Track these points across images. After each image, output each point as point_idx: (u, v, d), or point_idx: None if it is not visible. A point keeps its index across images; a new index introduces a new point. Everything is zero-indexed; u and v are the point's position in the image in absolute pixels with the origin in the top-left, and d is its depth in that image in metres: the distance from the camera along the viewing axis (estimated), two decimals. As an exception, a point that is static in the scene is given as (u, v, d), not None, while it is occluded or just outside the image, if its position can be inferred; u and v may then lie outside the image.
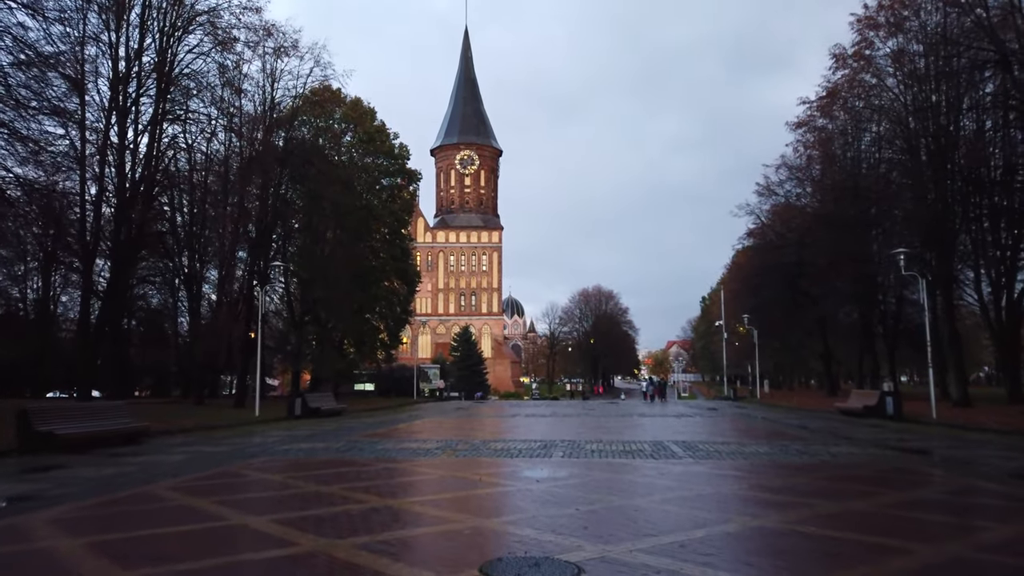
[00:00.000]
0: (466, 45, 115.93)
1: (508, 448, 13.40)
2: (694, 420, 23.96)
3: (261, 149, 36.65)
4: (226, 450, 13.60)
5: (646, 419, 24.26)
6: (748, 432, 18.31)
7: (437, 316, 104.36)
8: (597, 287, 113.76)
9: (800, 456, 12.32)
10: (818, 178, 42.66)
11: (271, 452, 13.06)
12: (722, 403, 45.57)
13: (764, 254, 54.27)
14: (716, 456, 12.08)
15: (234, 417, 24.20)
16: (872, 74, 34.88)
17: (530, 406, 40.83)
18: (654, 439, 15.50)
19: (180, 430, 18.74)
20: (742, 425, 21.26)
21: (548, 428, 19.75)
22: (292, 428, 20.21)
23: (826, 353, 51.02)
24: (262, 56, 35.69)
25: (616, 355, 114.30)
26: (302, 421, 23.70)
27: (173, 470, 10.33)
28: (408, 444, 14.49)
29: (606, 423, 22.15)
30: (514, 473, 9.96)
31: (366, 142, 44.42)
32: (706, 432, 18.29)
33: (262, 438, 16.60)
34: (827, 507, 7.09)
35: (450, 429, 19.98)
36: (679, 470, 10.21)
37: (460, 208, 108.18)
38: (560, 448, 13.35)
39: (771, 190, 48.63)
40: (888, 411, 23.01)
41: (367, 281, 44.26)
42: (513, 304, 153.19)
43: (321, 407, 26.21)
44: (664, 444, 14.22)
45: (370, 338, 46.16)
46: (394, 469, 10.41)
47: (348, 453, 12.75)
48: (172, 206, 35.39)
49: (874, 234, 41.70)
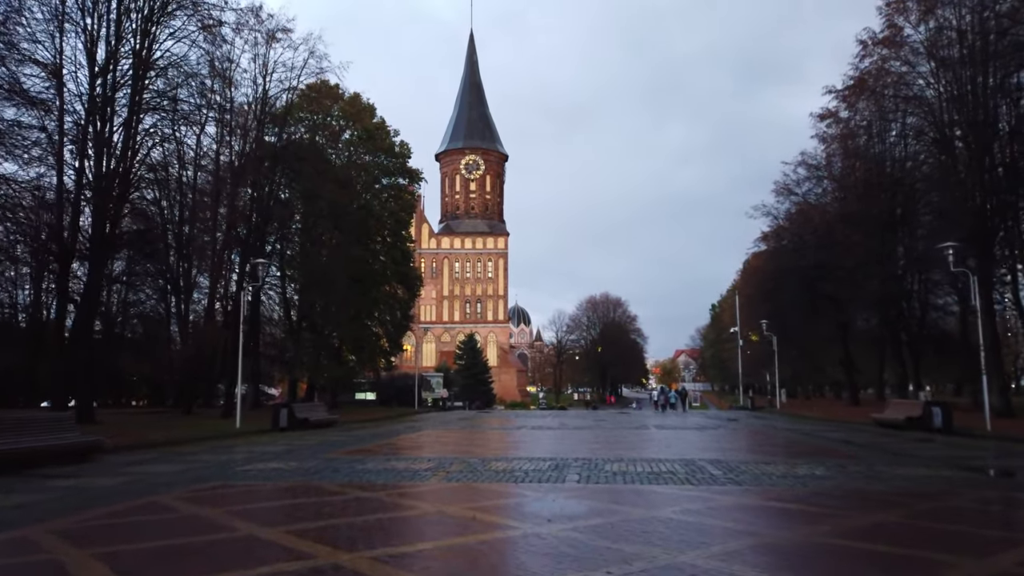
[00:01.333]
0: (471, 49, 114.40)
1: (512, 469, 11.23)
2: (718, 433, 21.71)
3: (254, 146, 34.77)
4: (178, 470, 11.47)
5: (666, 432, 22.00)
6: (788, 448, 16.06)
7: (442, 324, 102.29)
8: (605, 294, 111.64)
9: (868, 481, 10.11)
10: (841, 175, 40.46)
11: (228, 474, 10.92)
12: (739, 413, 43.23)
13: (781, 257, 52.02)
14: (766, 481, 9.88)
15: (214, 429, 22.10)
16: (902, 61, 32.74)
17: (537, 417, 38.59)
18: (682, 457, 13.30)
19: (145, 445, 16.64)
20: (777, 440, 18.99)
21: (558, 442, 17.56)
22: (270, 442, 18.07)
23: (847, 360, 48.64)
24: (253, 45, 33.89)
25: (625, 364, 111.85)
26: (286, 434, 21.56)
27: (86, 501, 8.20)
28: (395, 463, 12.33)
29: (622, 436, 19.94)
30: (519, 507, 7.78)
31: (365, 140, 42.47)
32: (739, 448, 16.07)
33: (230, 455, 14.47)
34: (967, 566, 4.91)
35: (448, 444, 17.79)
36: (729, 502, 8.01)
37: (465, 214, 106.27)
38: (574, 469, 11.17)
39: (789, 189, 46.44)
40: (935, 423, 20.71)
41: (366, 285, 42.21)
42: (519, 313, 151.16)
43: (310, 418, 24.07)
44: (697, 464, 12.01)
45: (369, 345, 44.04)
46: (367, 501, 8.25)
47: (319, 475, 10.60)
48: (159, 205, 33.46)
49: (899, 235, 39.45)
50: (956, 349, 41.32)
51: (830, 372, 66.63)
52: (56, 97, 24.76)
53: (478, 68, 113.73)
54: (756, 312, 56.06)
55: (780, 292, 49.00)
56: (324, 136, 41.46)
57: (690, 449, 15.32)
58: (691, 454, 13.99)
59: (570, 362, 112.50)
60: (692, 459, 12.83)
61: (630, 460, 12.57)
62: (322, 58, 35.24)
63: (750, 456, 13.67)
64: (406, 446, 16.89)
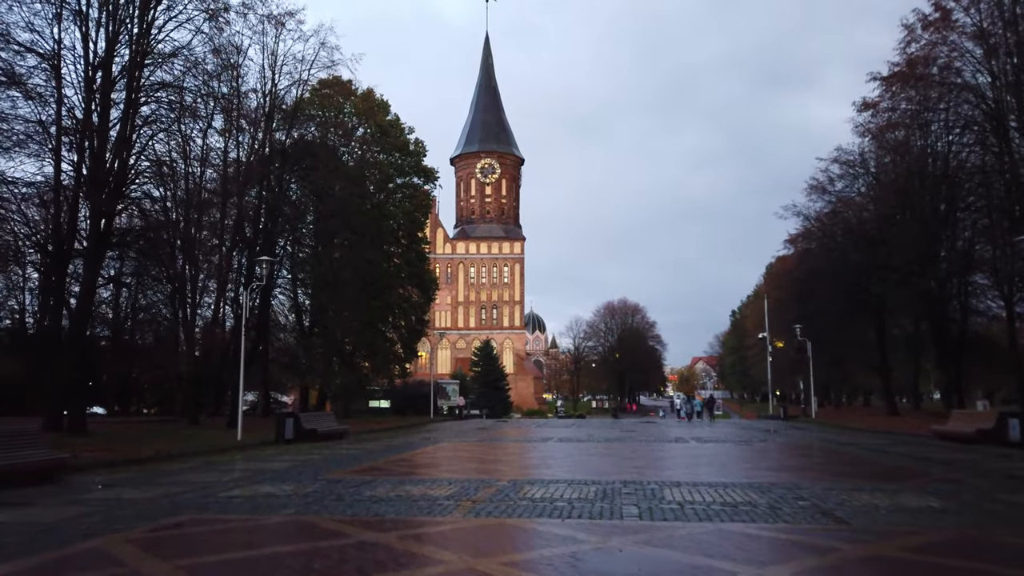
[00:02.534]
0: (487, 52, 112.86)
1: (552, 497, 9.21)
2: (767, 448, 19.56)
3: (262, 142, 33.11)
4: (150, 496, 9.56)
5: (709, 446, 19.85)
6: (861, 468, 13.90)
7: (457, 330, 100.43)
8: (623, 300, 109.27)
9: (1012, 519, 8.02)
10: (882, 170, 38.15)
11: (206, 503, 8.99)
12: (772, 423, 40.84)
13: (814, 259, 49.66)
14: (878, 519, 7.80)
15: (213, 441, 20.26)
16: (950, 47, 30.51)
17: (559, 426, 36.51)
18: (749, 480, 11.22)
19: (128, 461, 14.78)
20: (841, 457, 16.79)
21: (594, 459, 15.51)
22: (271, 457, 16.17)
23: (884, 367, 46.11)
24: (261, 35, 32.24)
25: (644, 371, 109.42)
26: (292, 446, 19.68)
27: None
28: (409, 487, 10.35)
29: (662, 451, 17.85)
30: (578, 562, 5.76)
31: (379, 137, 40.69)
32: (805, 467, 13.95)
33: (220, 474, 12.56)
34: None
35: (469, 460, 15.78)
36: (854, 553, 5.95)
37: (481, 218, 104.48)
38: (627, 498, 9.14)
39: (823, 187, 44.07)
40: (1012, 436, 18.44)
41: (379, 288, 40.37)
42: (534, 320, 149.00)
43: (318, 429, 22.17)
44: (773, 491, 9.92)
45: (383, 351, 42.16)
46: (372, 548, 6.26)
47: (316, 506, 8.64)
48: (163, 202, 31.81)
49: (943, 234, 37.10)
50: (1004, 356, 38.92)
51: (861, 380, 64.01)
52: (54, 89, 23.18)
53: (493, 71, 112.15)
54: (783, 317, 53.59)
55: (811, 296, 46.62)
56: (336, 135, 39.72)
57: (750, 469, 13.23)
58: (756, 476, 11.91)
59: (587, 369, 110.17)
60: (761, 483, 10.75)
61: (689, 484, 10.51)
62: (333, 50, 33.37)
63: (827, 479, 11.57)
64: (422, 463, 14.92)
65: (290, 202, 37.92)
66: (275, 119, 33.30)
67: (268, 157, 33.04)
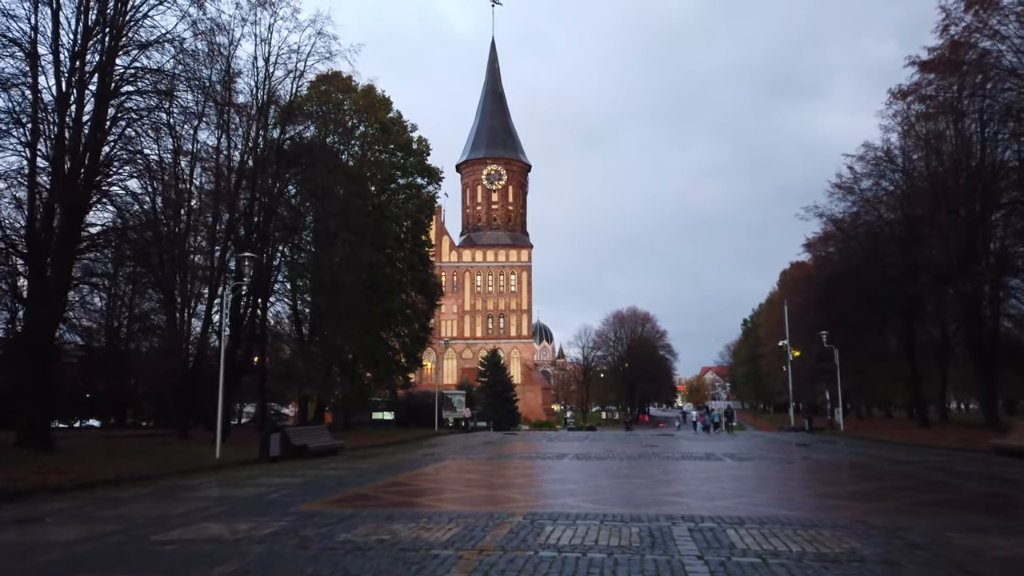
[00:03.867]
0: (493, 57, 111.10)
1: (584, 544, 6.96)
2: (814, 465, 17.24)
3: (255, 137, 31.10)
4: (70, 539, 7.38)
5: (747, 464, 17.53)
6: (965, 498, 11.59)
7: (463, 339, 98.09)
8: (632, 308, 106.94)
9: None
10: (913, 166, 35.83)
11: (126, 553, 6.79)
12: (796, 436, 38.38)
13: (837, 262, 47.31)
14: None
15: (191, 459, 18.08)
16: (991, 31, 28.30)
17: (571, 439, 34.19)
18: (827, 515, 8.94)
19: (80, 485, 12.62)
20: (901, 478, 14.44)
21: (622, 483, 13.25)
22: (244, 480, 13.96)
23: (914, 376, 43.58)
24: (254, 24, 30.28)
25: (655, 381, 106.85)
26: (276, 465, 17.49)
27: None
28: (397, 527, 8.10)
29: (697, 471, 15.55)
30: None
31: (380, 134, 38.63)
32: (877, 496, 11.65)
33: (174, 504, 10.37)
34: None
35: (475, 484, 13.52)
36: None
37: (487, 226, 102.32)
38: (684, 542, 6.88)
39: (849, 187, 41.65)
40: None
41: (381, 293, 38.22)
42: (542, 330, 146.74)
43: (309, 445, 19.97)
44: (870, 535, 7.65)
45: (385, 360, 39.96)
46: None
47: (268, 560, 6.42)
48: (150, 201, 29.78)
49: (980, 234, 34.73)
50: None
51: (883, 388, 61.40)
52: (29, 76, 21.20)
53: (500, 77, 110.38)
54: (801, 324, 51.08)
55: (832, 301, 44.25)
56: (335, 132, 37.70)
57: (815, 498, 10.97)
58: (829, 508, 9.65)
59: (596, 379, 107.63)
60: (847, 520, 8.46)
61: (755, 522, 8.23)
62: (331, 39, 31.22)
63: (922, 513, 9.30)
64: (419, 487, 12.70)
65: (287, 203, 35.93)
66: (270, 113, 31.26)
67: (264, 154, 31.01)
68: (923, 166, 36.91)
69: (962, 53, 29.40)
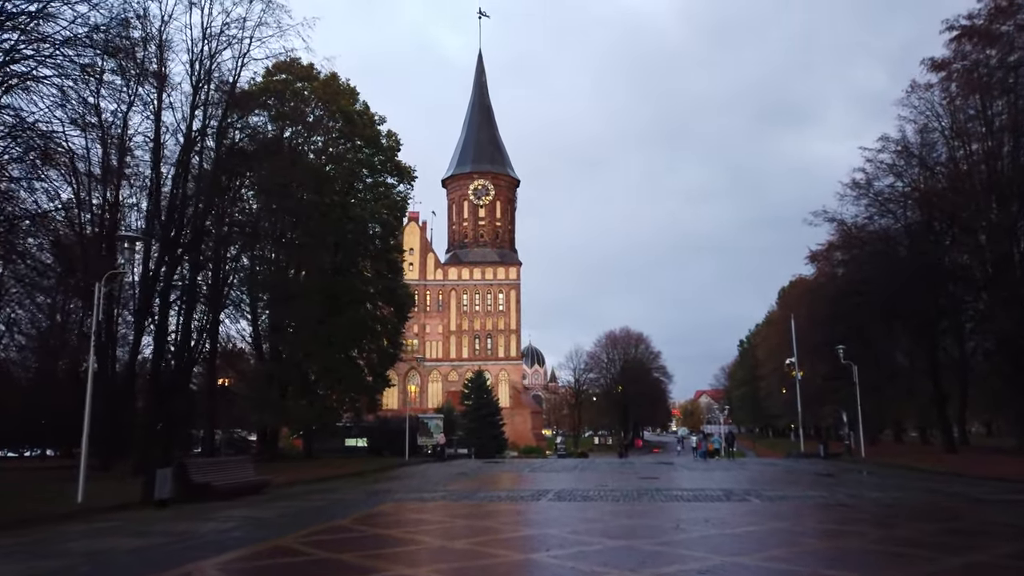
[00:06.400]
0: (480, 70, 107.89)
1: None
2: (869, 507, 12.88)
3: (188, 119, 26.98)
4: None
5: (785, 506, 13.14)
6: None
7: (449, 361, 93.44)
8: (625, 329, 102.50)
9: None
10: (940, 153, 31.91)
11: None
12: (809, 463, 34.04)
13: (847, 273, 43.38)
14: None
15: (44, 503, 13.60)
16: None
17: (559, 468, 29.72)
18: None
19: None
20: (989, 527, 10.14)
21: (620, 549, 8.87)
22: (72, 550, 9.52)
23: (939, 397, 39.39)
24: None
25: (650, 404, 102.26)
26: (160, 512, 13.01)
27: None
28: None
29: (723, 521, 11.18)
30: None
31: (345, 126, 34.52)
32: (989, 564, 7.32)
33: None
34: None
35: (421, 560, 9.02)
36: None
37: (474, 242, 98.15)
38: None
39: (860, 186, 37.74)
40: None
41: (343, 303, 33.86)
42: (533, 353, 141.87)
43: (213, 482, 15.44)
44: None
45: (349, 378, 35.44)
46: None
47: None
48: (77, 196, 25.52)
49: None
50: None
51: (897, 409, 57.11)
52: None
53: (487, 89, 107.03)
54: (805, 341, 46.95)
55: (843, 315, 40.24)
56: (292, 126, 33.56)
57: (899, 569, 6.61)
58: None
59: (588, 403, 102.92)
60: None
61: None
62: (279, 9, 27.10)
63: None
64: (301, 569, 8.26)
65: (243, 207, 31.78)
66: (206, 92, 27.08)
67: (197, 137, 26.81)
68: (947, 159, 33.04)
69: (999, 24, 25.64)
